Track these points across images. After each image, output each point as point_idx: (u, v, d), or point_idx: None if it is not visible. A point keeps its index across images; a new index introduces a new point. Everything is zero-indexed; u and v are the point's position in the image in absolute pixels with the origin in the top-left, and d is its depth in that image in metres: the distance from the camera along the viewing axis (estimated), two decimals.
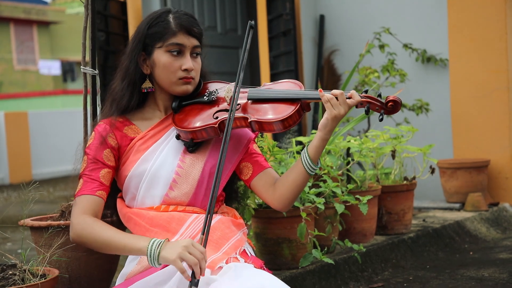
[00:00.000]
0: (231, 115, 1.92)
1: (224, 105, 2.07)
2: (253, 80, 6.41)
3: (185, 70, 2.05)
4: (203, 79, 2.19)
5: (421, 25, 5.03)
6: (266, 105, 2.03)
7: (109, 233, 1.91)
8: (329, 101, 1.96)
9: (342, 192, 3.05)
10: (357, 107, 1.99)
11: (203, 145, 2.10)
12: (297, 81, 2.10)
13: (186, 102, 2.12)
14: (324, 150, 2.56)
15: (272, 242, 2.91)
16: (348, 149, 3.47)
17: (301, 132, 5.30)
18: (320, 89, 2.00)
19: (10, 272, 1.99)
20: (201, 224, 1.96)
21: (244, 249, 1.99)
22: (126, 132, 2.09)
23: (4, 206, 7.15)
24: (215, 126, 2.02)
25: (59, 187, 9.11)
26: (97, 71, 2.55)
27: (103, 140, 2.04)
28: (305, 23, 5.47)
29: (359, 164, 4.00)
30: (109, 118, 2.10)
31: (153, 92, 2.13)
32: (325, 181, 3.02)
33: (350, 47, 5.38)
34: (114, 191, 2.15)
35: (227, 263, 1.85)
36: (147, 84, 2.10)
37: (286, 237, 2.89)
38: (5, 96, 17.34)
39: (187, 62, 2.05)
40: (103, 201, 2.01)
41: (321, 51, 5.50)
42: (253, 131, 2.05)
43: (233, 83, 2.13)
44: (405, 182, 3.65)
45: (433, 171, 3.82)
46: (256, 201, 2.91)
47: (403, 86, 4.65)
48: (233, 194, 2.30)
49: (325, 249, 3.01)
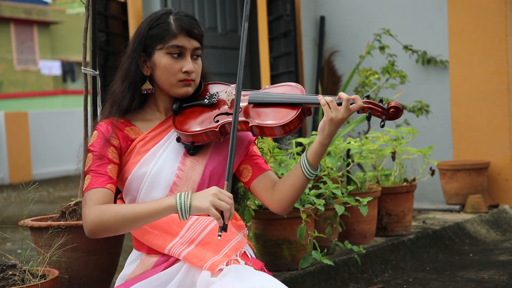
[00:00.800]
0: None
1: (224, 108, 2.06)
2: (253, 81, 6.41)
3: (186, 72, 2.04)
4: (204, 80, 2.18)
5: (421, 26, 5.03)
6: (267, 109, 2.01)
7: (131, 207, 1.89)
8: (327, 103, 1.93)
9: (342, 194, 3.05)
10: (358, 112, 1.96)
11: (204, 148, 2.09)
12: (298, 85, 2.08)
13: (186, 104, 2.11)
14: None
15: (272, 244, 2.91)
16: (348, 150, 3.47)
17: (301, 133, 5.30)
18: (320, 95, 1.97)
19: (10, 273, 1.99)
20: (201, 226, 1.95)
21: (245, 251, 1.98)
22: (127, 132, 2.08)
23: (4, 206, 7.15)
24: (216, 130, 2.01)
25: (59, 187, 9.11)
26: (97, 72, 2.55)
27: (106, 139, 2.03)
28: (305, 24, 5.47)
29: (359, 165, 4.00)
30: (110, 118, 2.09)
31: (154, 93, 2.12)
32: (325, 182, 3.02)
33: (350, 48, 5.38)
34: (115, 193, 2.14)
35: (227, 265, 1.85)
36: (147, 86, 2.09)
37: (286, 238, 2.89)
38: (5, 96, 17.34)
39: (188, 64, 2.04)
40: (113, 194, 1.99)
41: (321, 52, 5.50)
42: (254, 135, 2.04)
43: (233, 85, 2.12)
44: (405, 183, 3.65)
45: (433, 172, 3.82)
46: (256, 202, 2.91)
47: (403, 88, 4.65)
48: (233, 195, 2.29)
49: (325, 250, 3.01)
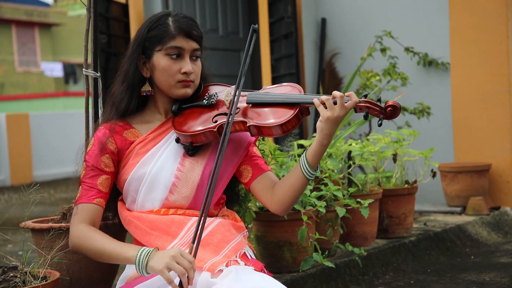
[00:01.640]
0: (229, 119, 1.91)
1: (223, 109, 2.06)
2: (254, 83, 6.42)
3: (184, 73, 2.05)
4: (204, 81, 2.19)
5: (422, 28, 5.03)
6: (265, 109, 2.02)
7: (102, 242, 1.94)
8: (324, 102, 1.91)
9: (343, 196, 3.05)
10: (356, 111, 1.95)
11: (203, 148, 2.09)
12: (296, 85, 2.08)
13: (186, 105, 2.12)
14: (325, 153, 2.53)
15: (273, 245, 2.90)
16: (350, 152, 3.47)
17: (302, 135, 5.30)
18: (315, 98, 1.95)
19: (11, 274, 1.99)
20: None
21: (245, 252, 1.98)
22: (126, 136, 2.09)
23: (5, 208, 7.16)
24: (214, 130, 2.02)
25: (60, 189, 9.11)
26: (99, 74, 2.55)
27: (102, 147, 2.05)
28: (306, 26, 5.47)
29: (360, 167, 4.00)
30: (109, 122, 2.10)
31: (153, 95, 2.12)
32: (326, 184, 3.02)
33: (352, 50, 5.38)
34: (116, 194, 2.15)
35: (227, 266, 1.85)
36: (146, 88, 2.10)
37: (287, 240, 2.88)
38: (6, 98, 17.35)
39: (186, 65, 2.05)
40: (101, 208, 2.04)
41: (322, 54, 5.50)
42: (252, 135, 2.04)
43: (233, 86, 2.13)
44: (406, 185, 3.65)
45: (434, 174, 3.82)
46: (257, 204, 2.91)
47: (405, 90, 4.64)
48: (234, 196, 2.29)
49: (326, 252, 3.01)
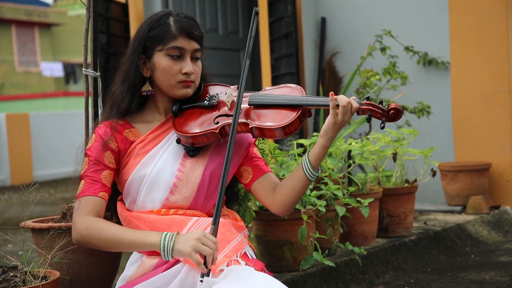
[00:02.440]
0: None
1: (224, 110, 2.06)
2: (254, 82, 6.41)
3: (185, 73, 2.05)
4: (204, 81, 2.18)
5: (422, 28, 5.03)
6: (267, 111, 2.01)
7: (118, 230, 1.90)
8: (335, 107, 1.93)
9: (344, 195, 3.05)
10: (358, 113, 1.97)
11: (204, 149, 2.09)
12: (298, 86, 2.08)
13: (186, 106, 2.11)
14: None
15: (273, 245, 2.90)
16: (350, 151, 3.47)
17: (302, 134, 5.30)
18: (332, 92, 1.97)
19: (11, 274, 1.99)
20: (201, 227, 1.96)
21: (245, 252, 1.98)
22: (127, 135, 2.09)
23: (5, 207, 7.16)
24: (216, 131, 2.01)
25: (60, 189, 9.12)
26: (98, 73, 2.55)
27: (104, 143, 2.03)
28: (306, 25, 5.47)
29: (360, 166, 4.00)
30: (110, 120, 2.09)
31: (153, 95, 2.12)
32: (326, 183, 3.02)
33: (352, 49, 5.38)
34: (114, 194, 2.14)
35: (228, 266, 1.85)
36: (147, 87, 2.09)
37: (287, 239, 2.88)
38: (6, 98, 17.36)
39: (187, 65, 2.05)
40: (105, 202, 2.00)
41: (322, 53, 5.50)
42: (254, 136, 2.04)
43: (233, 86, 2.12)
44: (406, 184, 3.65)
45: (434, 173, 3.82)
46: (257, 203, 2.91)
47: (405, 89, 4.64)
48: (234, 196, 2.29)
49: (326, 251, 3.01)
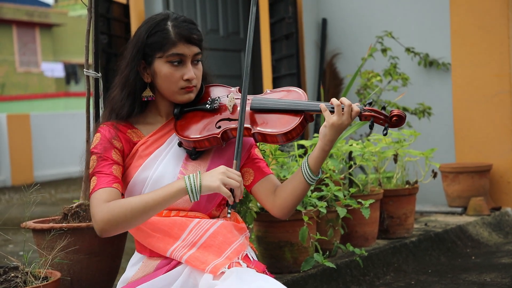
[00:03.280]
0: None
1: (226, 114, 2.05)
2: (255, 83, 6.41)
3: (187, 80, 2.03)
4: (205, 81, 2.16)
5: (423, 29, 5.03)
6: (269, 116, 2.00)
7: (136, 198, 1.88)
8: (327, 109, 1.93)
9: (344, 196, 3.05)
10: (360, 119, 1.96)
11: (205, 152, 2.07)
12: (300, 89, 2.06)
13: (188, 109, 2.10)
14: None
15: (274, 246, 2.90)
16: (350, 152, 3.47)
17: (303, 135, 5.30)
18: (321, 104, 1.96)
19: (12, 275, 1.99)
20: (203, 229, 1.95)
21: (247, 254, 1.97)
22: (130, 135, 2.08)
23: (6, 208, 7.16)
24: (218, 136, 2.00)
25: (61, 189, 9.12)
26: (99, 74, 2.55)
27: (109, 141, 2.02)
28: (307, 26, 5.47)
29: (361, 168, 4.00)
30: (111, 121, 2.08)
31: (154, 99, 2.10)
32: (327, 184, 3.02)
33: (352, 50, 5.38)
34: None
35: (229, 268, 1.85)
36: (147, 93, 2.07)
37: (288, 240, 2.88)
38: (7, 98, 17.37)
39: (189, 72, 2.02)
40: (120, 193, 1.97)
41: (323, 54, 5.50)
42: (256, 141, 2.04)
43: (234, 88, 2.12)
44: (407, 186, 3.65)
45: (435, 175, 3.82)
46: (258, 204, 2.91)
47: (405, 90, 4.64)
48: None
49: (327, 253, 3.01)
